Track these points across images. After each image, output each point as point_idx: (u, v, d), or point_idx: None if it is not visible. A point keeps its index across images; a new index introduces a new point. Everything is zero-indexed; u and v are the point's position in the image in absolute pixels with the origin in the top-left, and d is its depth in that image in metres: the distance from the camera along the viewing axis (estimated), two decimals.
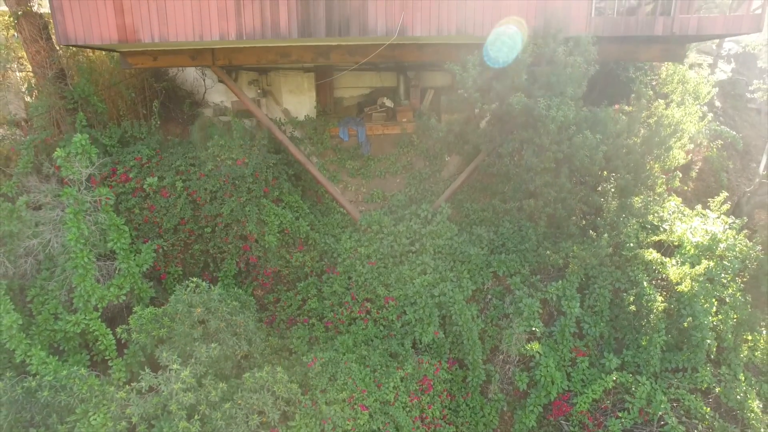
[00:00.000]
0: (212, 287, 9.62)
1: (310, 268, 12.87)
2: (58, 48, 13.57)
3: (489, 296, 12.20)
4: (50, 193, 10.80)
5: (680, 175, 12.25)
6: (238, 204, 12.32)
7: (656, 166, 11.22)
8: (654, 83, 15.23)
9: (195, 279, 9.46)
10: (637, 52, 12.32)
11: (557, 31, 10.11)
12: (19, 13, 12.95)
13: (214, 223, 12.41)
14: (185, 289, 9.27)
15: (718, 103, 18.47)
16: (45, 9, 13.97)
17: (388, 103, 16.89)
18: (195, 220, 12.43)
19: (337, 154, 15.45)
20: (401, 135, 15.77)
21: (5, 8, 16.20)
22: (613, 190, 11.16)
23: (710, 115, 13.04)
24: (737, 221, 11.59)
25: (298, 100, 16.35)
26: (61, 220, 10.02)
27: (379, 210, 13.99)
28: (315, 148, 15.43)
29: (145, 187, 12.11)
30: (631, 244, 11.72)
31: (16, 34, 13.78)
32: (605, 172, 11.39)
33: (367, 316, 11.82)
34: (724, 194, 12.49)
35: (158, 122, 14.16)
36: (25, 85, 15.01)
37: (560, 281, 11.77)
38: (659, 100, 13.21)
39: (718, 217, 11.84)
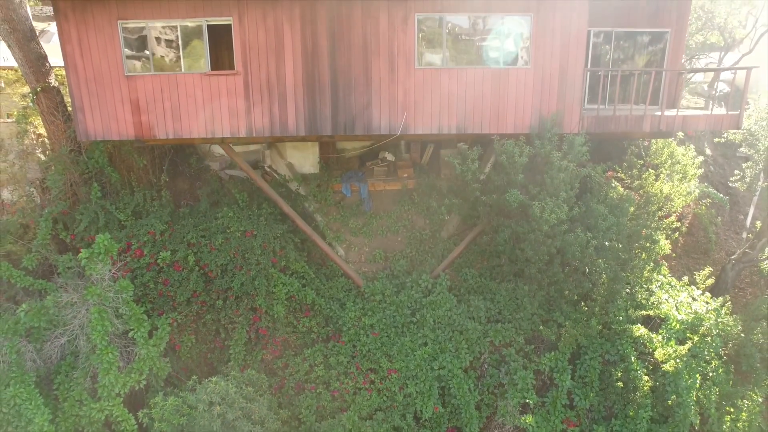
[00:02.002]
0: (229, 384, 10.27)
1: (317, 333, 13.55)
2: None
3: (485, 365, 12.91)
4: (76, 290, 11.38)
5: (665, 264, 12.92)
6: (248, 277, 12.95)
7: (643, 254, 11.88)
8: (646, 143, 15.81)
9: (214, 379, 10.13)
10: (629, 132, 12.91)
11: (552, 135, 10.69)
12: (38, 89, 13.47)
13: (226, 295, 13.05)
14: (205, 389, 9.93)
15: (708, 151, 19.07)
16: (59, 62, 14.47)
17: (389, 156, 17.45)
18: (207, 293, 13.06)
19: (340, 211, 16.02)
20: (402, 191, 16.36)
21: (11, 63, 16.70)
22: (603, 275, 11.82)
23: (696, 191, 13.68)
24: (719, 299, 12.27)
25: (302, 155, 16.89)
26: (86, 316, 10.64)
27: (381, 273, 14.65)
28: (319, 205, 16.01)
29: (158, 261, 12.77)
30: (621, 318, 12.44)
31: (32, 104, 14.31)
32: (596, 260, 12.07)
33: (371, 386, 12.52)
34: (708, 269, 13.17)
35: (167, 181, 14.71)
36: (40, 148, 15.52)
37: (553, 352, 12.49)
38: (649, 170, 13.83)
39: (703, 293, 12.53)
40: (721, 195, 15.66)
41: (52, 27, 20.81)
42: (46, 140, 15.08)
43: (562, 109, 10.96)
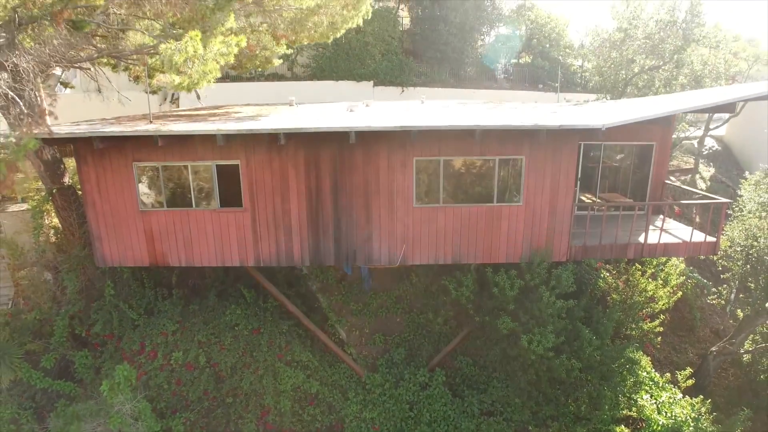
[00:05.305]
0: None
1: (321, 423, 14.41)
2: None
3: None
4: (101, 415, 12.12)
5: (651, 371, 13.74)
6: (256, 376, 13.76)
7: (625, 372, 12.72)
8: None
9: None
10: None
11: (542, 269, 11.41)
12: (54, 190, 14.12)
13: (235, 392, 13.86)
14: None
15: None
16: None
17: None
18: (217, 390, 13.87)
19: (341, 289, 16.75)
20: (401, 270, 17.08)
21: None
22: (589, 386, 12.67)
23: (679, 293, 14.49)
24: (698, 399, 13.14)
25: None
26: None
27: (381, 358, 15.46)
28: (321, 284, 16.76)
29: (171, 362, 13.55)
30: (605, 417, 13.30)
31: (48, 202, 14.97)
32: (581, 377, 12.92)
33: None
34: (688, 370, 14.01)
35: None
36: (52, 231, 16.17)
37: None
38: (636, 264, 14.57)
39: (683, 398, 13.39)
40: (705, 281, 16.43)
41: (57, 70, 21.25)
42: (59, 226, 15.76)
43: (551, 242, 11.66)
